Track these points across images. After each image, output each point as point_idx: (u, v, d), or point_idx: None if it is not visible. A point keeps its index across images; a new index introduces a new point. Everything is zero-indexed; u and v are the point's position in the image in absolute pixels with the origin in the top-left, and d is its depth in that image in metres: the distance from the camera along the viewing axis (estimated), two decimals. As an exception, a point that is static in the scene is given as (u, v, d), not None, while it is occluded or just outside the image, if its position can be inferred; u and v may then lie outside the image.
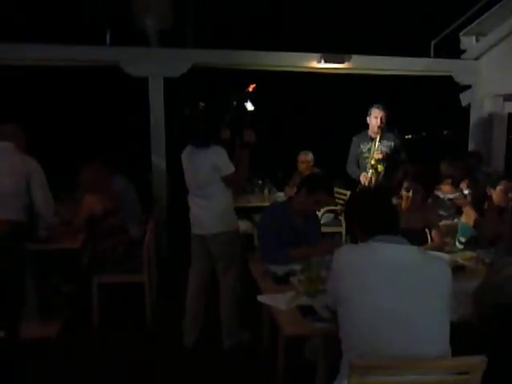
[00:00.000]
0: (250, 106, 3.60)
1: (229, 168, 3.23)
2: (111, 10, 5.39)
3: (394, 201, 3.41)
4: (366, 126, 4.84)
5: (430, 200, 4.87)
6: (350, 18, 7.55)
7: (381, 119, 4.67)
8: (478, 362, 1.59)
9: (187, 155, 3.40)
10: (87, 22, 5.90)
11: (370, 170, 4.62)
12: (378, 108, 4.71)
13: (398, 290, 1.70)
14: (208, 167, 3.22)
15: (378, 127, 4.66)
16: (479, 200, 3.58)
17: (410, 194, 3.43)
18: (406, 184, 3.49)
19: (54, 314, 3.86)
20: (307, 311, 2.25)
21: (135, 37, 5.48)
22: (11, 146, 3.35)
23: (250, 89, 3.74)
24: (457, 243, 3.56)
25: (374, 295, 1.70)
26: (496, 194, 3.44)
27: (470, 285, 2.27)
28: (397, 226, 1.92)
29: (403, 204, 3.54)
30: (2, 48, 5.08)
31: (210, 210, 3.32)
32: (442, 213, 4.53)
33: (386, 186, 4.29)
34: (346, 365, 1.68)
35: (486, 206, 3.54)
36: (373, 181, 4.61)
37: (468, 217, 3.58)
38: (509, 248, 2.61)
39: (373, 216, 1.94)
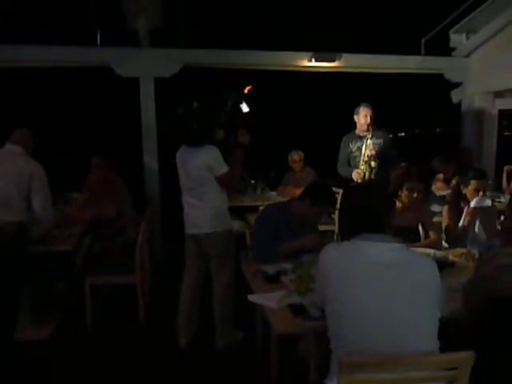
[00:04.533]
0: (245, 108, 3.60)
1: (222, 168, 3.23)
2: (102, 10, 5.37)
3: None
4: (355, 125, 4.85)
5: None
6: (340, 17, 7.56)
7: (370, 117, 4.68)
8: (465, 357, 1.60)
9: (181, 155, 3.40)
10: (78, 23, 5.88)
11: (363, 166, 4.63)
12: (366, 106, 4.71)
13: (383, 289, 1.70)
14: (201, 167, 3.22)
15: (368, 125, 4.67)
16: (455, 198, 3.61)
17: (415, 194, 3.45)
18: (410, 184, 3.49)
19: (47, 316, 3.85)
20: (298, 310, 2.25)
21: (126, 37, 5.46)
22: (18, 149, 3.38)
23: (246, 90, 3.74)
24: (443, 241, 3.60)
25: (359, 295, 1.70)
26: (468, 192, 3.47)
27: (459, 281, 2.29)
28: (384, 223, 1.88)
29: (400, 203, 3.54)
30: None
31: (203, 209, 3.32)
32: (434, 209, 4.56)
33: (380, 183, 4.29)
34: (335, 363, 1.69)
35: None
36: (366, 176, 4.62)
37: (444, 215, 3.61)
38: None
39: (357, 214, 1.92)
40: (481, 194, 3.41)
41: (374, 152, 4.58)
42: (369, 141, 4.64)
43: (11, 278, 3.30)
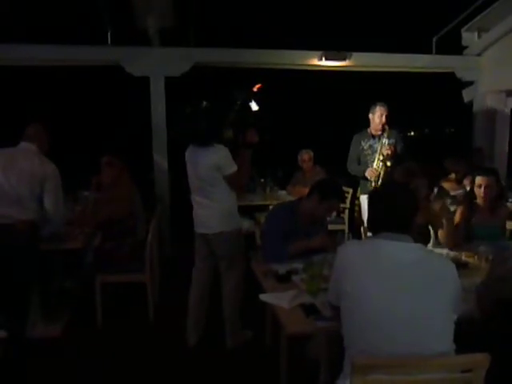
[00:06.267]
0: (254, 106, 3.59)
1: (231, 167, 3.22)
2: (112, 9, 5.38)
3: None
4: (367, 124, 4.83)
5: (433, 196, 4.89)
6: (350, 15, 7.52)
7: (386, 117, 4.68)
8: (481, 359, 1.58)
9: (190, 154, 3.40)
10: (88, 22, 5.91)
11: (380, 164, 4.63)
12: (382, 106, 4.72)
13: (399, 288, 1.69)
14: (210, 166, 3.21)
15: (383, 125, 4.67)
16: (469, 197, 3.58)
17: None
18: (412, 183, 3.46)
19: (57, 313, 3.87)
20: (309, 310, 2.24)
21: (136, 36, 5.47)
22: (33, 147, 3.36)
23: (255, 88, 3.72)
24: None
25: (373, 291, 1.70)
26: (475, 189, 3.46)
27: (472, 282, 2.26)
28: (406, 224, 1.86)
29: None
30: (2, 48, 5.08)
31: (212, 209, 3.31)
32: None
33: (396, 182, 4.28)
34: (348, 362, 1.68)
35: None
36: (381, 175, 4.63)
37: (458, 214, 3.58)
38: None
39: (380, 213, 1.92)
40: (482, 189, 3.39)
41: (390, 152, 4.58)
42: (384, 140, 4.65)
43: (22, 275, 3.32)
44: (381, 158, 4.60)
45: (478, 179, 3.45)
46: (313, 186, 3.20)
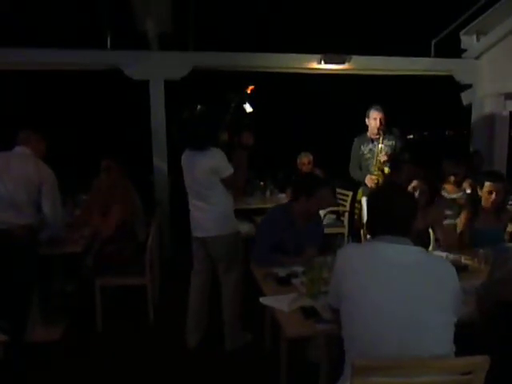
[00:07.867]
0: (248, 108, 3.60)
1: (227, 170, 3.24)
2: (112, 13, 5.40)
3: None
4: (367, 127, 4.83)
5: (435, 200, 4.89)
6: (350, 19, 7.54)
7: (380, 121, 4.65)
8: (481, 361, 1.58)
9: (186, 158, 3.41)
10: (88, 26, 5.92)
11: (375, 172, 4.61)
12: (376, 110, 4.68)
13: (399, 291, 1.69)
14: (207, 169, 3.23)
15: (378, 129, 4.64)
16: (473, 201, 3.57)
17: (417, 194, 3.41)
18: (414, 183, 3.46)
19: (58, 317, 3.87)
20: (310, 313, 2.24)
21: (136, 40, 5.49)
22: (27, 150, 3.34)
23: (249, 90, 3.73)
24: None
25: (373, 294, 1.69)
26: (482, 194, 3.44)
27: (472, 284, 2.27)
28: (405, 226, 1.85)
29: None
30: (1, 52, 5.09)
31: (209, 212, 3.32)
32: (445, 212, 4.52)
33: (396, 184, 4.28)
34: (348, 365, 1.68)
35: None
36: (379, 183, 4.61)
37: (462, 218, 3.57)
38: None
39: (379, 215, 1.91)
40: (493, 196, 3.37)
41: (386, 158, 4.57)
42: (380, 145, 4.62)
43: (22, 280, 3.31)
44: (379, 165, 4.59)
45: (488, 185, 3.38)
46: (293, 191, 3.25)
